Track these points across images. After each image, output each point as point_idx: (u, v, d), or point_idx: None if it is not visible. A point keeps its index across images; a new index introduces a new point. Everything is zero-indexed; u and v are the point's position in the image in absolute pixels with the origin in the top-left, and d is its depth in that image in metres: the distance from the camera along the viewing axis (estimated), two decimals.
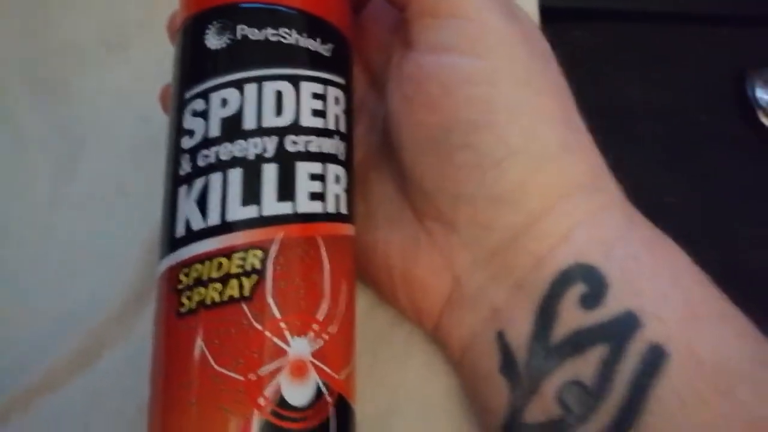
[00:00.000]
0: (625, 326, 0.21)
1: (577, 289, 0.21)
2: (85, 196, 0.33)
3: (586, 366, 0.21)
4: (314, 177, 0.22)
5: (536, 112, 0.23)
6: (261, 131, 0.21)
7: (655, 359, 0.20)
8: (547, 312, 0.22)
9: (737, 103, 0.36)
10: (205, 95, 0.22)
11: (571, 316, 0.21)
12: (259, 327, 0.19)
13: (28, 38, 0.37)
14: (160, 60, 0.26)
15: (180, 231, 0.21)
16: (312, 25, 0.23)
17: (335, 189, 0.22)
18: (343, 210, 0.23)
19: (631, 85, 0.36)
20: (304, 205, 0.21)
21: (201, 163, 0.21)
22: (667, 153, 0.34)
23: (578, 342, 0.21)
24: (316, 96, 0.22)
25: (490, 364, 0.23)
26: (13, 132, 0.34)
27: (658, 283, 0.21)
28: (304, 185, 0.21)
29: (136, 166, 0.32)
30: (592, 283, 0.21)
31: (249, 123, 0.21)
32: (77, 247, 0.31)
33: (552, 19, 0.35)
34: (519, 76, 0.22)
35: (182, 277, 0.20)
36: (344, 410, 0.21)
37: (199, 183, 0.21)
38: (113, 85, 0.35)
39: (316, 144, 0.22)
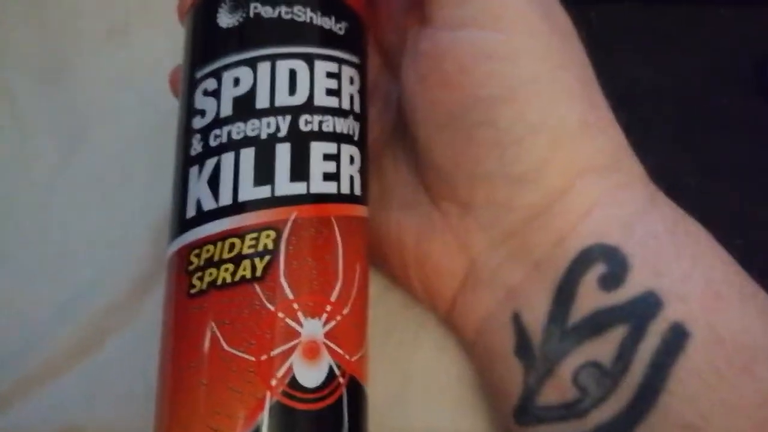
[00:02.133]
0: (646, 306, 0.20)
1: (597, 269, 0.21)
2: (88, 181, 0.33)
3: (604, 347, 0.21)
4: (328, 157, 0.21)
5: (556, 87, 0.22)
6: (274, 110, 0.21)
7: (676, 338, 0.20)
8: (565, 292, 0.22)
9: (755, 85, 0.35)
10: (217, 74, 0.22)
11: (591, 297, 0.21)
12: (272, 308, 0.19)
13: (29, 23, 0.37)
14: (162, 44, 0.26)
15: (191, 212, 0.21)
16: (326, 4, 0.23)
17: (349, 170, 0.22)
18: (357, 191, 0.22)
19: (644, 68, 0.35)
20: (317, 185, 0.21)
21: (213, 143, 0.21)
22: (685, 135, 0.34)
23: (597, 323, 0.21)
24: (330, 75, 0.22)
25: (505, 346, 0.23)
26: (16, 117, 0.34)
27: (680, 262, 0.21)
28: (317, 165, 0.21)
29: (139, 150, 0.32)
30: (613, 263, 0.21)
31: (262, 102, 0.21)
32: (80, 233, 0.31)
33: (568, 0, 0.34)
34: (539, 52, 0.22)
35: (193, 258, 0.20)
36: (356, 392, 0.20)
37: (210, 163, 0.21)
38: (115, 69, 0.35)
39: (330, 124, 0.22)
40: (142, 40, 0.36)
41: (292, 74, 0.21)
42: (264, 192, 0.20)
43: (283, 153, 0.21)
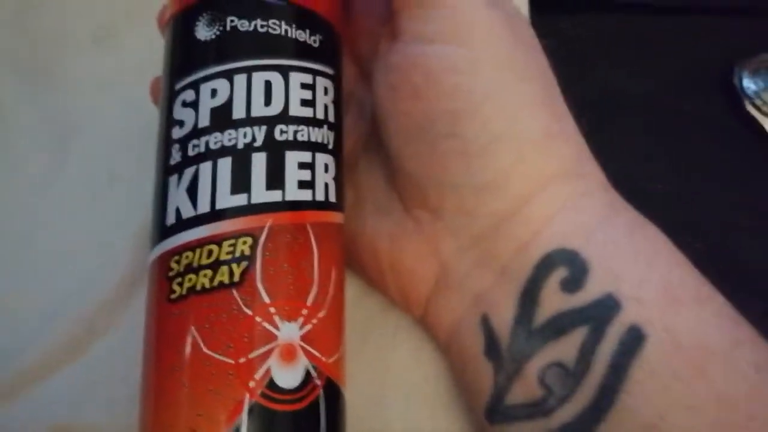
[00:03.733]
0: (604, 309, 0.21)
1: (559, 273, 0.22)
2: (75, 185, 0.33)
3: (567, 348, 0.21)
4: (303, 166, 0.22)
5: (520, 98, 0.23)
6: (250, 121, 0.22)
7: (633, 341, 0.20)
8: (529, 296, 0.22)
9: (724, 93, 0.36)
10: (194, 86, 0.22)
11: (553, 300, 0.22)
12: (249, 312, 0.20)
13: (17, 26, 0.37)
14: (149, 49, 0.26)
15: (170, 219, 0.21)
16: (301, 17, 0.23)
17: (324, 177, 0.23)
18: (332, 198, 0.23)
19: (617, 76, 0.36)
20: (293, 193, 0.21)
21: (191, 152, 0.22)
22: (654, 143, 0.35)
23: (560, 325, 0.22)
24: (304, 86, 0.23)
25: (475, 348, 0.24)
26: (2, 120, 0.35)
27: (638, 266, 0.22)
28: (293, 174, 0.22)
29: (126, 154, 0.33)
30: (574, 268, 0.22)
31: (238, 113, 0.22)
32: (67, 235, 0.31)
33: (540, 10, 0.35)
34: (502, 63, 0.23)
35: (173, 264, 0.21)
36: (333, 393, 0.21)
37: (189, 172, 0.21)
38: (102, 73, 0.36)
39: (305, 133, 0.22)
40: (129, 44, 0.36)
41: (268, 85, 0.22)
42: (241, 200, 0.21)
43: (259, 162, 0.21)
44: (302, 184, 0.22)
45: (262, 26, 0.22)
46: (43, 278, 0.30)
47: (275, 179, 0.21)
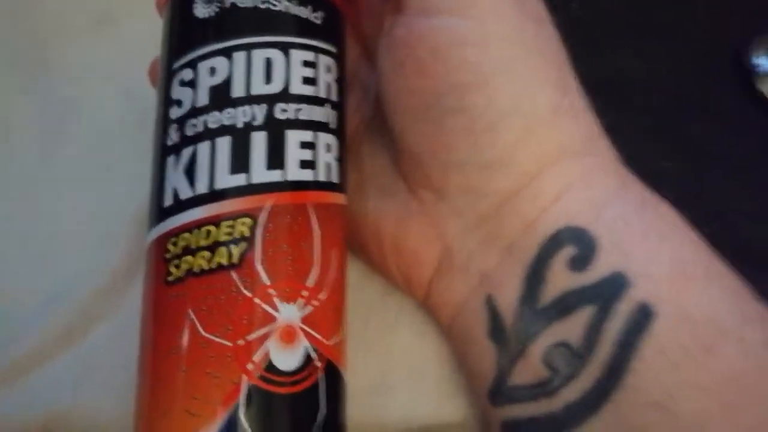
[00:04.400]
0: (613, 287, 0.21)
1: (567, 252, 0.21)
2: (72, 171, 0.32)
3: (573, 327, 0.21)
4: (304, 145, 0.22)
5: (528, 73, 0.22)
6: (250, 99, 0.21)
7: (642, 318, 0.20)
8: (535, 275, 0.22)
9: (735, 72, 0.35)
10: (193, 64, 0.22)
11: (560, 279, 0.21)
12: (248, 294, 0.19)
13: (13, 14, 0.37)
14: (148, 36, 0.26)
15: (168, 201, 0.21)
16: None
17: (326, 157, 0.22)
18: (335, 179, 0.22)
19: (625, 55, 0.36)
20: (294, 173, 0.21)
21: (189, 132, 0.21)
22: (662, 123, 0.34)
23: (566, 304, 0.21)
24: (306, 64, 0.22)
25: (478, 330, 0.23)
26: None
27: (648, 243, 0.21)
28: (294, 153, 0.21)
29: (124, 142, 0.32)
30: (582, 245, 0.21)
31: (238, 91, 0.21)
32: (64, 223, 0.31)
33: None
34: (511, 37, 0.22)
35: (170, 246, 0.20)
36: (334, 376, 0.21)
37: (187, 152, 0.21)
38: (100, 60, 0.35)
39: (307, 112, 0.22)
40: (126, 31, 0.36)
41: (268, 63, 0.22)
42: (240, 180, 0.20)
43: (259, 141, 0.21)
44: (304, 164, 0.21)
45: (262, 2, 0.22)
46: (41, 265, 0.30)
47: (276, 159, 0.21)
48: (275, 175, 0.21)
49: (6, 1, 0.37)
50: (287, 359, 0.19)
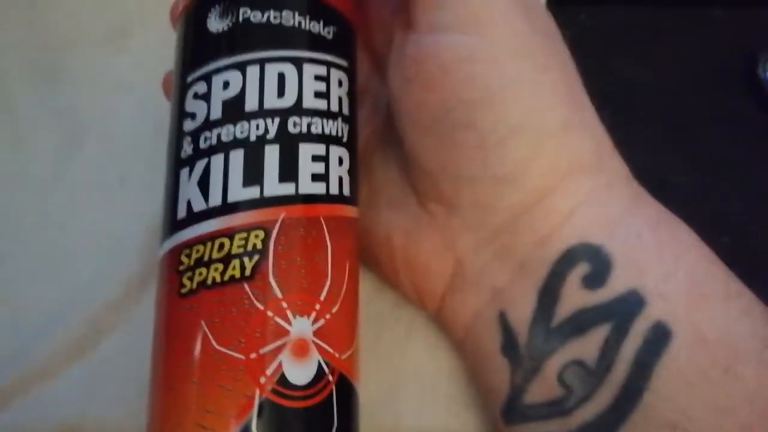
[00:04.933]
0: (628, 305, 0.20)
1: (581, 269, 0.21)
2: (85, 184, 0.33)
3: (588, 346, 0.21)
4: (317, 158, 0.22)
5: (538, 89, 0.22)
6: (263, 113, 0.21)
7: (658, 338, 0.20)
8: (549, 292, 0.22)
9: (747, 83, 0.35)
10: (207, 78, 0.22)
11: (574, 296, 0.21)
12: (261, 306, 0.19)
13: (28, 25, 0.37)
14: (162, 48, 0.26)
15: (181, 213, 0.21)
16: (314, 8, 0.23)
17: (338, 171, 0.22)
18: (346, 192, 0.23)
19: (637, 67, 0.36)
20: (306, 186, 0.21)
21: (203, 145, 0.21)
22: (675, 135, 0.34)
23: (581, 322, 0.21)
24: (318, 78, 0.22)
25: (491, 345, 0.23)
26: (13, 119, 0.35)
27: (663, 261, 0.21)
28: (306, 166, 0.21)
29: (137, 154, 0.32)
30: (596, 263, 0.21)
31: (251, 104, 0.21)
32: (77, 233, 0.31)
33: (559, 2, 0.34)
34: (520, 53, 0.22)
35: (184, 258, 0.20)
36: (346, 389, 0.21)
37: (200, 165, 0.21)
38: (114, 72, 0.35)
39: (319, 126, 0.22)
40: (141, 43, 0.36)
41: (281, 77, 0.22)
42: (253, 192, 0.20)
43: (271, 154, 0.21)
44: (316, 177, 0.21)
45: (275, 17, 0.22)
46: (53, 277, 0.30)
47: (288, 172, 0.21)
48: (288, 188, 0.21)
49: (21, 13, 0.37)
50: (300, 373, 0.19)
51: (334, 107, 0.23)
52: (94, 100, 0.35)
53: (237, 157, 0.21)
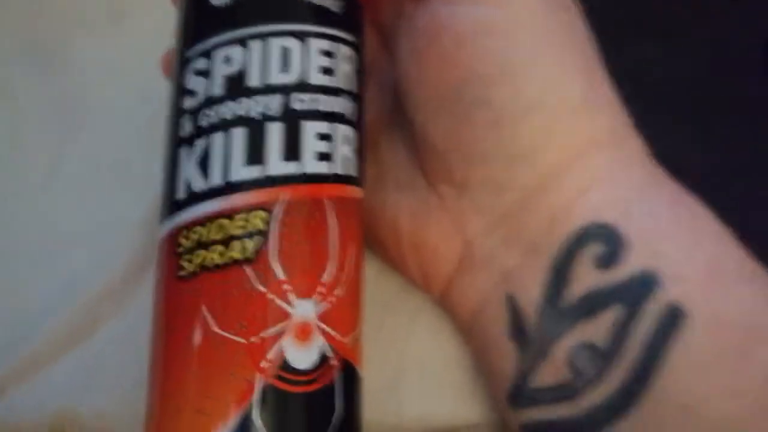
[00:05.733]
0: (642, 286, 0.20)
1: (593, 249, 0.21)
2: (83, 169, 0.32)
3: (599, 328, 0.20)
4: (322, 137, 0.21)
5: (556, 64, 0.22)
6: (266, 89, 0.20)
7: (672, 320, 0.19)
8: (560, 273, 0.21)
9: (763, 65, 0.35)
10: (207, 53, 0.21)
11: (586, 277, 0.21)
12: (263, 289, 0.19)
13: (26, 10, 0.36)
14: (162, 30, 0.25)
15: (180, 193, 0.20)
16: None
17: (344, 150, 0.22)
18: (352, 172, 0.22)
19: (653, 49, 0.35)
20: (310, 165, 0.20)
21: (203, 123, 0.21)
22: (689, 118, 0.33)
23: (592, 303, 0.20)
24: (324, 53, 0.22)
25: (499, 329, 0.23)
26: (12, 103, 0.34)
27: (679, 241, 0.21)
28: (310, 145, 0.21)
29: (135, 140, 0.32)
30: (609, 242, 0.21)
31: (253, 80, 0.21)
32: (74, 219, 0.31)
33: None
34: (538, 27, 0.21)
35: (183, 240, 0.20)
36: (350, 374, 0.20)
37: (200, 143, 0.20)
38: (114, 56, 0.35)
39: (324, 103, 0.21)
40: (142, 25, 0.35)
41: (285, 52, 0.21)
42: (255, 172, 0.20)
43: (275, 132, 0.20)
44: (320, 156, 0.21)
45: None
46: (49, 263, 0.30)
47: (292, 150, 0.20)
48: (291, 168, 0.20)
49: None
50: (303, 357, 0.19)
51: (341, 84, 0.22)
52: (93, 84, 0.34)
53: (239, 135, 0.20)
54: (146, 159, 0.28)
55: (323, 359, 0.19)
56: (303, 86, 0.21)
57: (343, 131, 0.22)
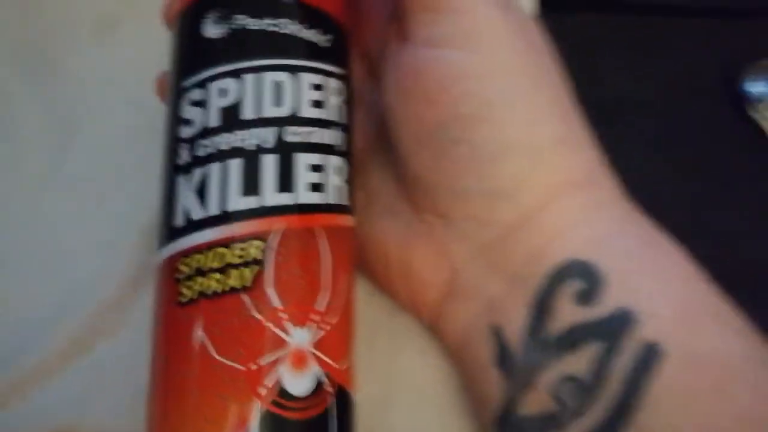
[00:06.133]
0: (620, 323, 0.21)
1: (573, 285, 0.22)
2: (79, 181, 0.32)
3: (580, 362, 0.21)
4: (314, 168, 0.22)
5: (532, 105, 0.23)
6: (260, 122, 0.21)
7: (649, 357, 0.20)
8: (542, 306, 0.22)
9: (728, 97, 0.36)
10: (203, 85, 0.22)
11: (567, 312, 0.22)
12: (260, 317, 0.20)
13: (19, 18, 0.36)
14: (154, 41, 0.25)
15: (179, 221, 0.21)
16: (311, 16, 0.23)
17: (335, 180, 0.22)
18: (344, 201, 0.23)
19: (622, 78, 0.36)
20: (304, 196, 0.21)
21: (200, 153, 0.21)
22: (658, 146, 0.34)
23: (573, 338, 0.21)
24: (315, 87, 0.22)
25: (484, 357, 0.23)
26: (5, 114, 0.34)
27: (655, 280, 0.21)
28: (303, 176, 0.21)
29: (131, 149, 0.32)
30: (588, 279, 0.21)
31: (248, 113, 0.21)
32: (71, 233, 0.31)
33: (546, 8, 0.35)
34: (513, 69, 0.22)
35: (182, 267, 0.20)
36: (344, 400, 0.21)
37: (198, 173, 0.21)
38: (107, 66, 0.35)
39: (316, 135, 0.22)
40: (133, 35, 0.36)
41: (278, 86, 0.22)
42: (251, 202, 0.20)
43: (269, 164, 0.21)
44: (313, 187, 0.21)
45: (271, 25, 0.22)
46: (47, 277, 0.30)
47: (286, 182, 0.21)
48: (286, 198, 0.21)
49: (14, 3, 0.36)
50: (299, 384, 0.19)
51: (331, 116, 0.23)
52: (88, 94, 0.34)
53: (235, 166, 0.21)
54: (142, 168, 0.28)
55: (318, 386, 0.20)
56: (295, 119, 0.22)
57: (334, 162, 0.22)
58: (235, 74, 0.22)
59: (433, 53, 0.22)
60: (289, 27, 0.22)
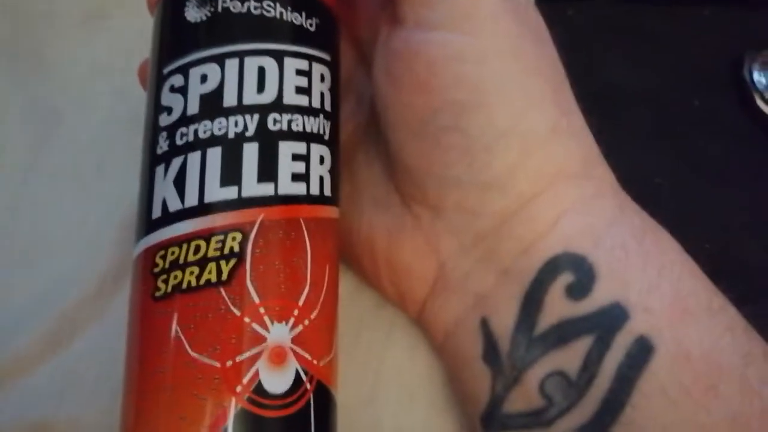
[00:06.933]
0: (611, 318, 0.20)
1: (565, 279, 0.21)
2: (59, 174, 0.32)
3: (570, 357, 0.20)
4: (297, 157, 0.21)
5: (527, 92, 0.22)
6: (242, 108, 0.20)
7: (641, 352, 0.20)
8: (532, 301, 0.21)
9: (734, 86, 0.35)
10: (184, 70, 0.21)
11: (557, 306, 0.21)
12: (237, 312, 0.19)
13: (2, 9, 0.36)
14: (140, 31, 0.25)
15: (156, 212, 0.20)
16: None
17: (319, 170, 0.22)
18: (327, 192, 0.22)
19: (624, 67, 0.35)
20: (286, 186, 0.20)
21: (179, 141, 0.21)
22: (660, 137, 0.34)
23: (563, 333, 0.21)
24: (300, 72, 0.22)
25: (472, 351, 0.23)
26: None
27: (647, 274, 0.21)
28: (286, 166, 0.21)
29: (113, 141, 0.32)
30: (580, 273, 0.21)
31: (229, 100, 0.21)
32: (51, 225, 0.30)
33: None
34: (509, 54, 0.21)
35: (158, 260, 0.20)
36: (324, 398, 0.20)
37: (176, 162, 0.20)
38: (90, 57, 0.34)
39: (300, 123, 0.21)
40: (119, 26, 0.35)
41: (261, 72, 0.21)
42: (230, 193, 0.20)
43: (250, 153, 0.20)
44: (296, 177, 0.21)
45: (255, 8, 0.21)
46: (25, 270, 0.29)
47: (267, 171, 0.20)
48: (267, 189, 0.20)
49: None
50: (277, 381, 0.19)
51: (316, 103, 0.22)
52: (70, 86, 0.34)
53: (214, 155, 0.20)
54: (124, 160, 0.28)
55: (298, 383, 0.19)
56: (279, 106, 0.21)
57: (318, 151, 0.22)
58: (217, 59, 0.21)
59: (425, 36, 0.21)
60: (274, 10, 0.22)
